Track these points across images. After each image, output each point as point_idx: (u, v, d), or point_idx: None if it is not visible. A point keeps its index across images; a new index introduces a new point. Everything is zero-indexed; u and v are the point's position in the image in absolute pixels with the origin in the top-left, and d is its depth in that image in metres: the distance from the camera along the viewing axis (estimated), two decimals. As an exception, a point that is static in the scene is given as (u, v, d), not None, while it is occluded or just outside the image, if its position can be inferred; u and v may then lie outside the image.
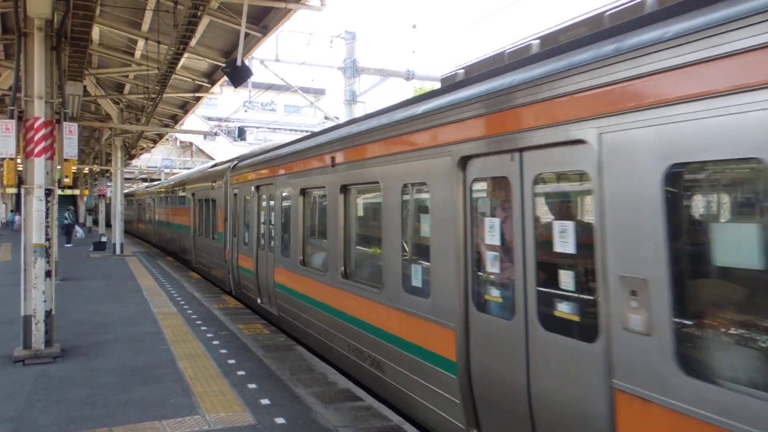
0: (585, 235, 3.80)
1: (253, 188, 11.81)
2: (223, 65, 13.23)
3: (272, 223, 10.67)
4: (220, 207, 14.92)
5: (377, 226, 6.71)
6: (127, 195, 45.53)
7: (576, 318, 3.92)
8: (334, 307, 7.57)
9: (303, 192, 9.00)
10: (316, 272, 8.36)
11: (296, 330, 9.34)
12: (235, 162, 14.31)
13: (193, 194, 19.10)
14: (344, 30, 18.39)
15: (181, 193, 21.95)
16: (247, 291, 12.59)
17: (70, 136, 9.43)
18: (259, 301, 11.45)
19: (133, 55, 17.23)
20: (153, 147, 38.29)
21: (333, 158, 7.61)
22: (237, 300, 13.08)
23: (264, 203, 11.29)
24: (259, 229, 11.59)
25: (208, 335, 9.44)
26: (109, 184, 33.73)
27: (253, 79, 14.56)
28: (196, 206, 18.55)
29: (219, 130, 29.40)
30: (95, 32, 14.67)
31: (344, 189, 7.45)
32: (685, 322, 3.17)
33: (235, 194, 13.45)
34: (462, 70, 5.72)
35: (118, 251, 24.03)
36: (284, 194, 9.89)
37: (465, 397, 4.87)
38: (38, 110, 8.03)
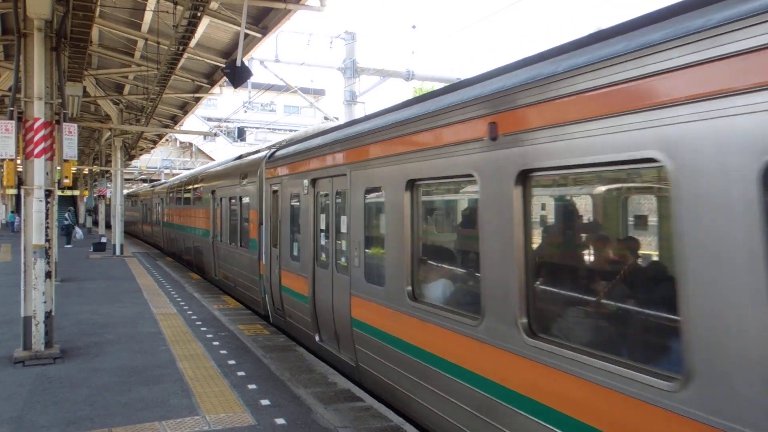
0: None
1: (306, 183, 8.69)
2: (223, 66, 13.25)
3: (343, 230, 7.47)
4: (252, 208, 12.07)
5: (651, 247, 3.82)
6: (130, 195, 44.72)
7: None
8: (510, 389, 4.30)
9: (413, 185, 5.75)
10: (449, 317, 5.06)
11: (399, 398, 6.00)
12: (273, 150, 11.51)
13: (212, 192, 16.17)
14: (344, 30, 18.40)
15: (196, 192, 18.96)
16: (294, 321, 9.42)
17: (70, 136, 9.43)
18: (317, 338, 8.40)
19: (132, 55, 17.25)
20: (153, 148, 38.34)
21: (494, 125, 4.42)
22: (276, 328, 10.29)
23: (326, 202, 8.17)
24: (317, 239, 8.46)
25: (208, 336, 9.44)
26: (108, 185, 33.74)
27: (252, 79, 14.54)
28: (217, 207, 15.65)
29: (219, 130, 29.40)
30: (95, 33, 14.68)
31: (525, 178, 4.19)
32: None
33: (275, 191, 10.47)
34: None
35: (118, 252, 24.05)
36: (369, 188, 6.69)
37: None
38: (38, 111, 8.03)
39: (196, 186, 19.22)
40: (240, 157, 15.59)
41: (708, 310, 2.86)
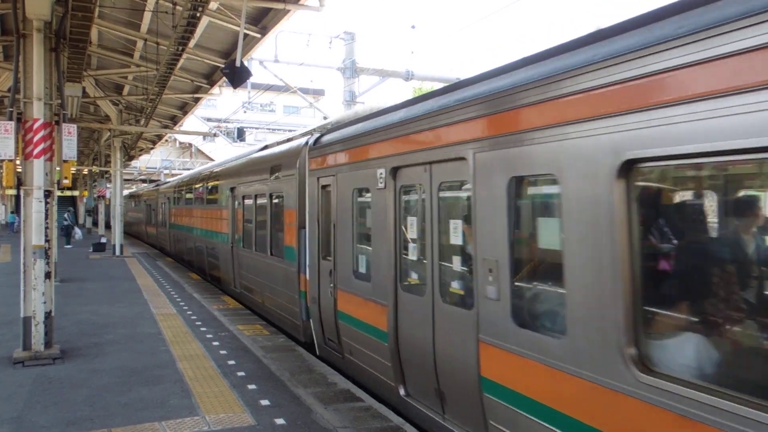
0: None
1: (382, 173, 6.33)
2: (222, 66, 13.25)
3: (455, 241, 5.26)
4: (287, 207, 9.74)
5: None
6: (133, 195, 42.17)
7: None
8: None
9: (633, 168, 3.36)
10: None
11: None
12: (318, 134, 9.06)
13: (232, 190, 13.88)
14: (343, 30, 18.43)
15: (211, 190, 16.57)
16: (360, 361, 7.03)
17: (69, 137, 9.42)
18: (401, 391, 6.06)
19: (132, 56, 17.25)
20: (152, 148, 38.36)
21: None
22: (327, 364, 7.99)
23: (419, 199, 5.82)
24: (400, 251, 6.13)
25: (208, 336, 9.44)
26: (108, 185, 33.74)
27: (252, 79, 14.54)
28: (238, 206, 13.35)
29: (218, 131, 29.38)
30: (94, 33, 14.69)
31: None
32: None
33: (325, 186, 8.16)
34: None
35: (117, 252, 24.06)
36: (521, 177, 4.32)
37: None
38: (37, 112, 8.04)
39: (210, 183, 16.79)
40: (266, 147, 13.10)
41: None
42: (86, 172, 43.77)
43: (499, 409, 4.43)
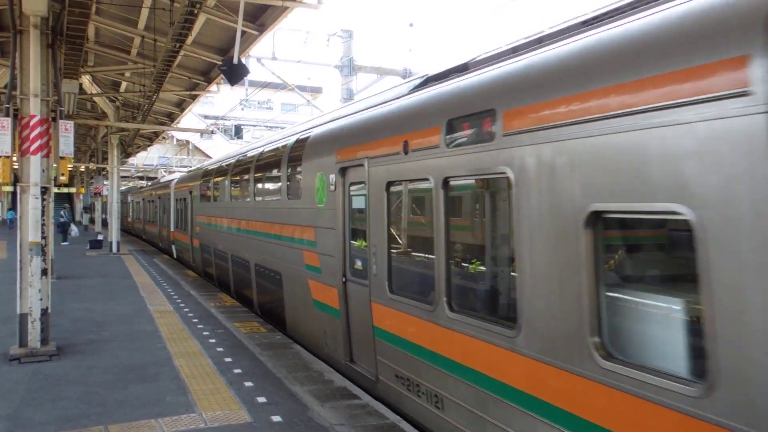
0: None
1: None
2: (220, 63, 13.21)
3: None
4: None
5: None
6: (210, 173, 16.16)
7: None
8: None
9: None
10: None
11: None
12: None
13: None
14: (341, 28, 18.43)
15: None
16: None
17: (66, 134, 9.39)
18: None
19: (129, 52, 17.21)
20: (149, 145, 38.28)
21: None
22: None
23: None
24: None
25: (205, 333, 9.44)
26: (105, 182, 33.66)
27: (249, 77, 14.52)
28: None
29: (216, 128, 29.36)
30: (91, 30, 14.64)
31: None
32: None
33: None
34: None
35: (114, 249, 24.03)
36: None
37: None
38: (34, 108, 8.02)
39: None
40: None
41: None
42: (83, 169, 43.67)
43: None
